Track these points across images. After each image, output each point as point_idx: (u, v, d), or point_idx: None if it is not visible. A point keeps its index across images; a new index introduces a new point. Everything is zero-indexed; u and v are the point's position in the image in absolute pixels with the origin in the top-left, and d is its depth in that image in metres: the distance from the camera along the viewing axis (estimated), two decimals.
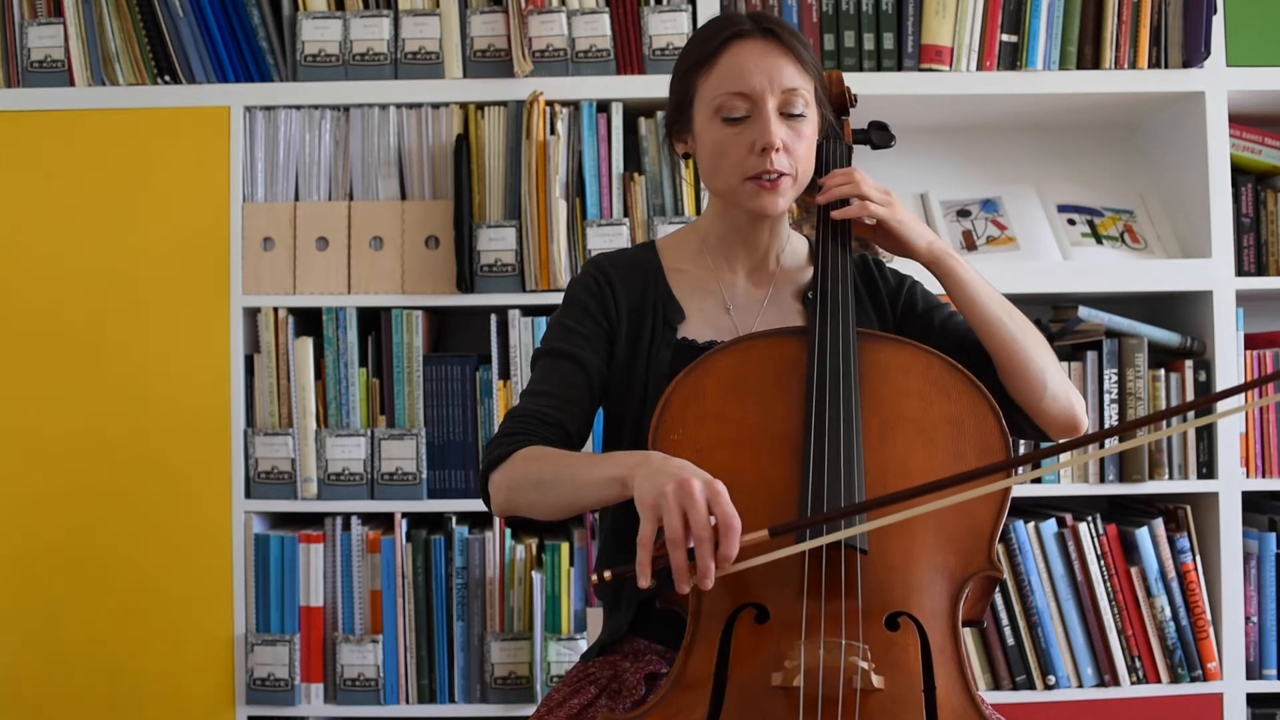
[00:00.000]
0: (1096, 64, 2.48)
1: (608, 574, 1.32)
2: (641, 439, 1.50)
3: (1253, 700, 2.43)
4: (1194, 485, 2.43)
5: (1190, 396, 2.44)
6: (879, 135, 1.78)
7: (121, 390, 2.37)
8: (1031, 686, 2.37)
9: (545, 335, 1.66)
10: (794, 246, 1.73)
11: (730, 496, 1.27)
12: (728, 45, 1.57)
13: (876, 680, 1.29)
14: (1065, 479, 2.44)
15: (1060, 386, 1.57)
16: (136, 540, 2.35)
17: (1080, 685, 2.38)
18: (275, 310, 2.39)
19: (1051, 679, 2.37)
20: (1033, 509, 2.52)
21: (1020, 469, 1.56)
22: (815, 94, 1.60)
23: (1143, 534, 2.40)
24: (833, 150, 1.70)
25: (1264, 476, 2.47)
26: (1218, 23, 2.44)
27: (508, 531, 2.38)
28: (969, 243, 2.58)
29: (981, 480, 1.31)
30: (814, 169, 1.64)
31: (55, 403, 2.37)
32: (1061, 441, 1.57)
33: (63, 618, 2.35)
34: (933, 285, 1.67)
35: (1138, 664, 2.39)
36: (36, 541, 2.36)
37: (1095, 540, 2.39)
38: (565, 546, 2.35)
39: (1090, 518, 2.40)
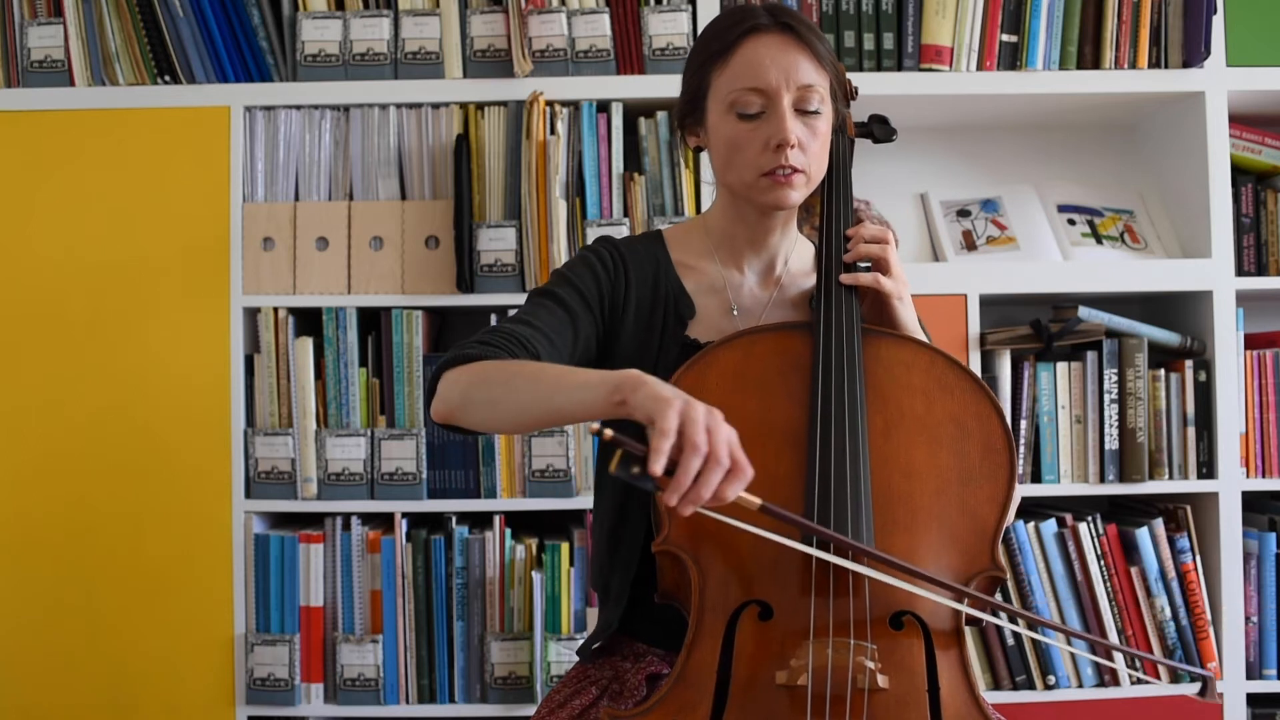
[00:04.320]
0: (1096, 64, 2.48)
1: (607, 432, 1.20)
2: None
3: (1253, 700, 2.43)
4: (1194, 485, 2.44)
5: (1191, 397, 2.44)
6: (880, 129, 1.76)
7: (122, 390, 2.37)
8: (1031, 686, 2.37)
9: (547, 283, 1.60)
10: (801, 251, 1.70)
11: None
12: (744, 39, 1.54)
13: (882, 680, 1.30)
14: (1065, 479, 2.44)
15: None
16: (136, 540, 2.35)
17: (1080, 685, 2.38)
18: (275, 310, 2.39)
19: (1051, 679, 2.37)
20: (1032, 509, 2.52)
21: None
22: (830, 89, 1.57)
23: (1143, 534, 2.40)
24: (836, 144, 1.66)
25: (1264, 476, 2.47)
26: (1218, 23, 2.45)
27: (508, 531, 2.38)
28: (969, 243, 2.58)
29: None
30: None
31: (55, 403, 2.37)
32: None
33: (63, 617, 2.34)
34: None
35: (1138, 664, 2.39)
36: (37, 541, 2.35)
37: (1095, 540, 2.40)
38: (565, 546, 2.35)
39: (1090, 518, 2.40)
